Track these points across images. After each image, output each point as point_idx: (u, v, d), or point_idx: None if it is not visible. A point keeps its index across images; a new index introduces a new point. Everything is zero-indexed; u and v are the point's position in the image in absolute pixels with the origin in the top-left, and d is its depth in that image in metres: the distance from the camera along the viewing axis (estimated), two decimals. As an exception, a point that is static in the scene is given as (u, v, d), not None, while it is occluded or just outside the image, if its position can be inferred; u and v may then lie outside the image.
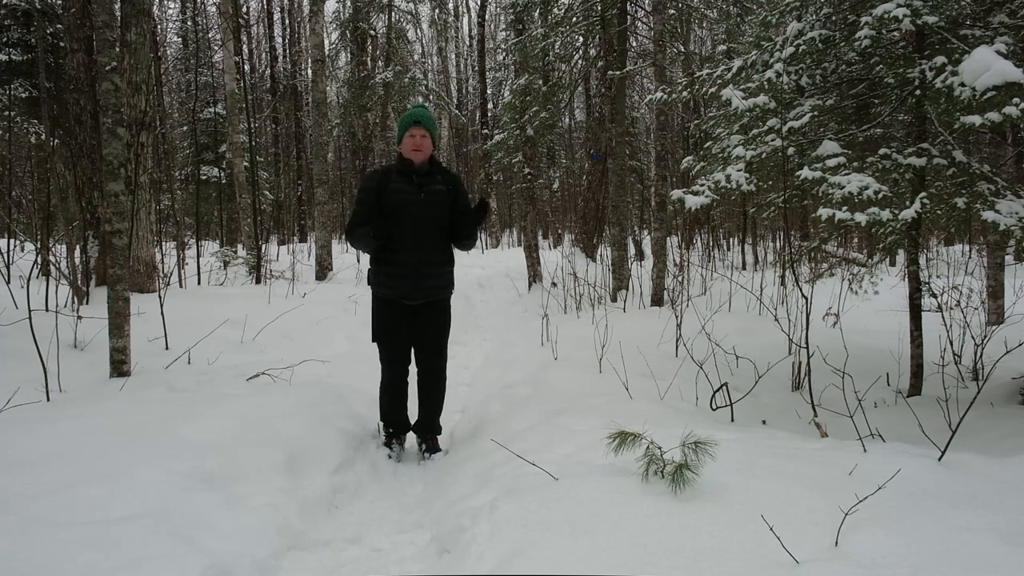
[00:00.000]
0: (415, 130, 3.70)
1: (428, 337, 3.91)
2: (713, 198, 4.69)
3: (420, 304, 3.81)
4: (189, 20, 25.07)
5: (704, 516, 2.24)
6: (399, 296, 3.77)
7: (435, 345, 3.95)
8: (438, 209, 3.76)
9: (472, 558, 2.32)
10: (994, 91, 3.43)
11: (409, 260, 3.72)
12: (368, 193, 3.71)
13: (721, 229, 18.32)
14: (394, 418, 4.02)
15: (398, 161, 3.80)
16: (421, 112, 3.77)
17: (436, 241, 3.79)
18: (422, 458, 3.94)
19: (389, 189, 3.69)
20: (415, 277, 3.74)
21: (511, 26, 12.30)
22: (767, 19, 5.18)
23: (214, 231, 20.76)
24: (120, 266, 4.92)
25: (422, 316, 3.84)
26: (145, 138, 7.63)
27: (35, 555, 2.22)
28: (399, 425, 4.05)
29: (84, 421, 3.60)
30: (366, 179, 3.82)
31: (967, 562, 1.90)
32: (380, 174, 3.78)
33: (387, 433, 4.04)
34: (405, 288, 3.75)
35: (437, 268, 3.81)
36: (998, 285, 7.70)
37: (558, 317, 7.95)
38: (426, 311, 3.84)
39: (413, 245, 3.72)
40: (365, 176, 3.87)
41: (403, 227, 3.69)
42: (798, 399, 4.73)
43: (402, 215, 3.68)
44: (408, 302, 3.78)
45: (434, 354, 3.97)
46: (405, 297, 3.77)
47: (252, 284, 10.60)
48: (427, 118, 3.76)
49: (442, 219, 3.80)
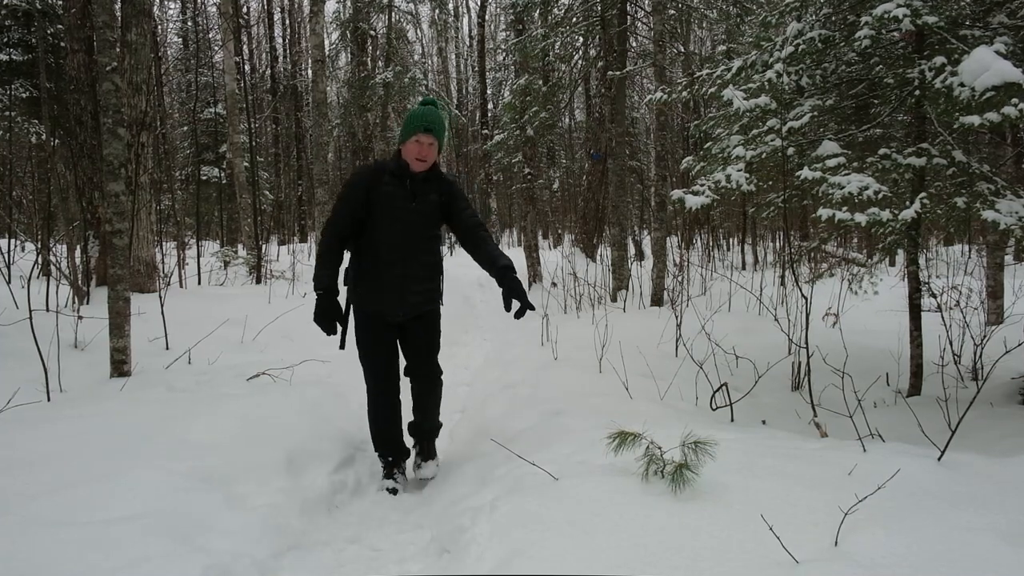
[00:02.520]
0: (423, 137, 3.26)
1: (419, 346, 3.55)
2: (713, 198, 4.69)
3: (407, 319, 3.47)
4: (189, 20, 25.08)
5: (704, 516, 2.24)
6: (382, 312, 3.41)
7: (427, 351, 3.56)
8: (429, 219, 3.39)
9: (472, 558, 2.32)
10: (993, 91, 3.44)
11: (394, 272, 3.35)
12: (356, 190, 3.32)
13: (721, 229, 18.33)
14: (390, 440, 3.56)
15: (394, 160, 3.37)
16: (433, 116, 3.31)
17: (424, 253, 3.42)
18: (415, 471, 3.62)
19: (380, 191, 3.30)
20: (400, 291, 3.37)
21: (511, 26, 12.32)
22: (767, 19, 5.18)
23: (214, 231, 20.76)
24: (120, 266, 4.92)
25: (409, 330, 3.50)
26: (145, 138, 7.63)
27: (35, 555, 2.22)
28: (397, 450, 3.57)
29: (84, 421, 3.60)
30: (356, 175, 3.42)
31: (967, 562, 1.90)
32: (372, 172, 3.36)
33: (386, 463, 3.55)
34: (390, 303, 3.38)
35: (423, 283, 3.43)
36: (998, 285, 7.70)
37: (558, 317, 7.95)
38: (414, 325, 3.49)
39: (400, 256, 3.35)
40: (355, 171, 3.51)
41: (390, 234, 3.32)
42: (798, 399, 4.73)
43: (391, 220, 3.31)
44: (392, 319, 3.43)
45: (427, 359, 3.57)
46: (389, 313, 3.40)
47: (252, 284, 10.60)
48: (439, 124, 3.31)
49: (432, 229, 3.45)
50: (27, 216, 11.27)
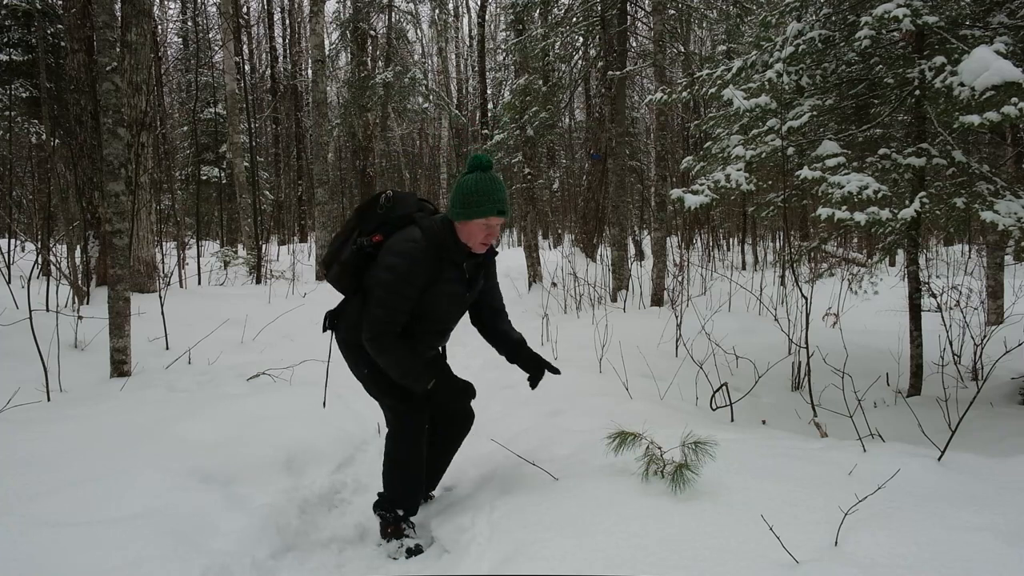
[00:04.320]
0: (495, 220, 2.65)
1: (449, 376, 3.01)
2: (713, 198, 4.69)
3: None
4: (189, 20, 25.08)
5: (704, 516, 2.24)
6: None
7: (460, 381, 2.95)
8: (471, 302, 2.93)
9: (472, 558, 2.32)
10: (993, 91, 3.43)
11: (430, 353, 2.93)
12: (414, 287, 2.61)
13: (721, 229, 18.33)
14: (419, 491, 2.93)
15: (449, 238, 2.66)
16: (503, 194, 2.67)
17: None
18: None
19: (439, 287, 2.67)
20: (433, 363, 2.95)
21: (511, 26, 12.30)
22: (767, 19, 5.18)
23: (214, 231, 20.78)
24: (120, 266, 4.92)
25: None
26: (145, 138, 7.63)
27: (35, 555, 2.22)
28: (416, 501, 2.90)
29: (84, 421, 3.60)
30: (414, 263, 2.59)
31: (967, 562, 1.89)
32: (432, 263, 2.62)
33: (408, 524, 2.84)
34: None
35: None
36: (997, 285, 7.69)
37: (558, 317, 7.95)
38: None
39: (441, 340, 2.94)
40: (410, 257, 2.60)
41: (436, 323, 2.80)
42: (798, 399, 4.72)
43: (444, 311, 2.76)
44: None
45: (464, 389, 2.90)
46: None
47: (252, 284, 10.60)
48: (508, 202, 2.73)
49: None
50: (27, 216, 11.27)
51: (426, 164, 33.44)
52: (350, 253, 2.75)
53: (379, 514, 2.84)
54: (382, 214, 2.75)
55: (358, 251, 2.73)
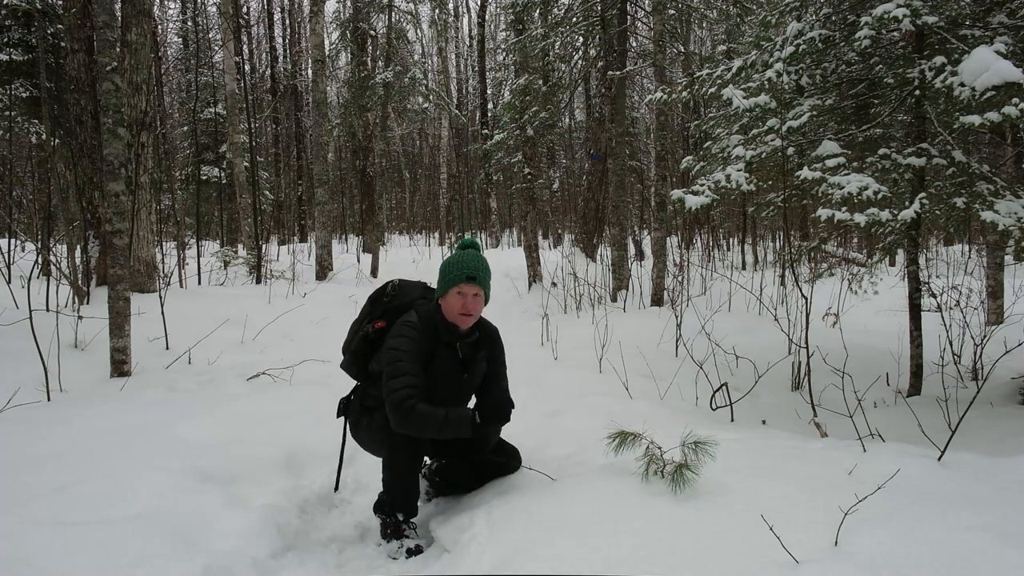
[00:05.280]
0: (467, 288, 2.72)
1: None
2: (713, 198, 4.69)
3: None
4: (189, 20, 25.08)
5: (704, 516, 2.24)
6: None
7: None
8: (474, 388, 2.95)
9: (472, 558, 2.32)
10: (993, 91, 3.44)
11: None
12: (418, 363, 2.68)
13: (721, 229, 18.32)
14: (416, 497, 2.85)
15: (439, 319, 2.77)
16: (475, 261, 2.74)
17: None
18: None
19: (434, 365, 2.74)
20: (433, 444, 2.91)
21: (511, 26, 12.30)
22: (767, 19, 5.18)
23: (214, 231, 20.78)
24: (120, 266, 4.93)
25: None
26: (145, 138, 7.63)
27: (36, 555, 2.22)
28: (414, 505, 2.85)
29: (85, 421, 3.61)
30: (412, 342, 2.70)
31: (967, 562, 1.89)
32: (428, 343, 2.73)
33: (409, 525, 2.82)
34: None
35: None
36: (997, 285, 7.69)
37: (558, 317, 7.95)
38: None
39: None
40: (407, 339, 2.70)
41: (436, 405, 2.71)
42: (798, 399, 4.73)
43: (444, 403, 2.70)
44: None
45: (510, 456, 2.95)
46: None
47: (252, 284, 10.61)
48: (483, 269, 2.77)
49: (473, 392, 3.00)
50: (27, 216, 11.28)
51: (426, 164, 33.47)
52: (357, 340, 2.90)
53: (379, 516, 2.85)
54: (387, 302, 2.91)
55: (364, 338, 2.88)
